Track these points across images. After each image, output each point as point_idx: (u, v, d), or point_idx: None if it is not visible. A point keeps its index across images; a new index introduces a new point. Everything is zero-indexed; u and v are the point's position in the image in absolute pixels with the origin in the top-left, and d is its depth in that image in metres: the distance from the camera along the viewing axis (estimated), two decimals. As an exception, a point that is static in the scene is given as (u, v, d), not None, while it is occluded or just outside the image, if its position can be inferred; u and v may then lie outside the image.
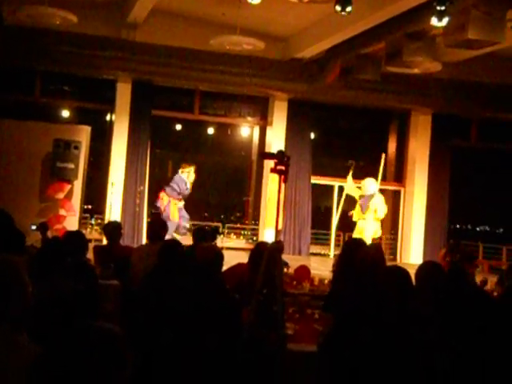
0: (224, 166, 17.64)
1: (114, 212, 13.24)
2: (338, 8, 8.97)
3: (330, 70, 13.14)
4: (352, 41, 11.79)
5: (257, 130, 16.01)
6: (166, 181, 13.61)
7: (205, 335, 4.18)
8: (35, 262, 4.35)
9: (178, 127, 16.74)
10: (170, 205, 12.63)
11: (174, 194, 12.66)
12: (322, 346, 3.99)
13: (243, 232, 16.03)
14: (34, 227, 8.23)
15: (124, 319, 5.32)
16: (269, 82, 13.92)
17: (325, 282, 7.84)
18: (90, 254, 6.85)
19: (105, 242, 8.65)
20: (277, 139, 14.80)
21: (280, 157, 4.23)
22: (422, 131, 15.49)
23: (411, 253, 15.27)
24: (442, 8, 8.59)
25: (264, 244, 6.07)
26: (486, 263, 14.60)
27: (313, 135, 15.47)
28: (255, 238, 14.94)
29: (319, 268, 10.67)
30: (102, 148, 14.95)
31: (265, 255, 4.27)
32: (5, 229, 4.99)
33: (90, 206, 15.00)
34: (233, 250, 13.06)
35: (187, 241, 8.87)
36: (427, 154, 15.45)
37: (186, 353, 4.10)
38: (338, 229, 15.08)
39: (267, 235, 13.68)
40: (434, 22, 8.89)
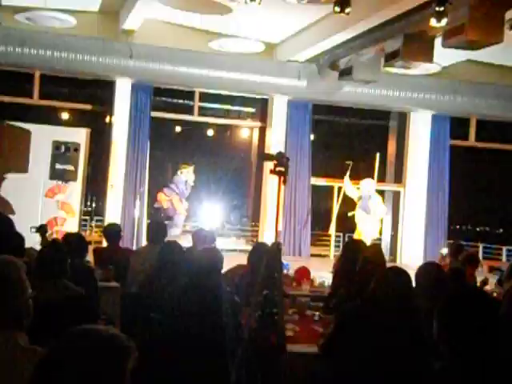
0: (223, 168, 17.64)
1: (113, 214, 13.23)
2: (337, 9, 8.98)
3: (329, 71, 13.15)
4: (351, 42, 11.80)
5: (256, 132, 15.99)
6: (166, 183, 13.62)
7: (205, 337, 4.18)
8: (35, 265, 4.35)
9: (178, 129, 16.75)
10: (173, 201, 12.65)
11: (173, 195, 12.70)
12: (322, 347, 3.99)
13: (243, 233, 16.03)
14: (33, 229, 8.21)
15: (124, 321, 5.32)
16: (268, 84, 13.91)
17: (325, 283, 7.84)
18: (89, 256, 6.85)
19: (104, 244, 8.64)
20: (276, 141, 14.77)
21: (279, 158, 4.22)
22: (422, 131, 15.48)
23: (411, 253, 15.26)
24: (441, 9, 8.59)
25: (262, 244, 6.07)
26: (485, 263, 14.59)
27: (312, 136, 15.46)
28: (255, 240, 14.93)
29: (319, 269, 10.67)
30: (102, 150, 14.94)
31: (265, 257, 4.27)
32: (4, 231, 4.99)
33: (89, 208, 15.01)
34: (233, 251, 13.07)
35: (187, 242, 8.86)
36: (427, 155, 15.43)
37: (186, 354, 4.10)
38: (336, 230, 15.08)
39: (267, 236, 13.68)
40: (433, 22, 8.89)
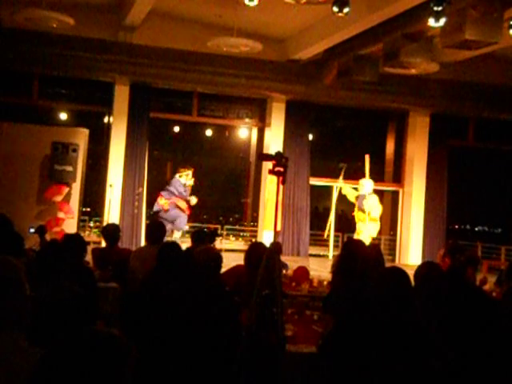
0: (222, 168, 17.64)
1: (112, 214, 13.23)
2: (336, 9, 8.98)
3: (328, 71, 13.16)
4: (350, 42, 11.81)
5: (255, 132, 16.00)
6: (165, 183, 13.60)
7: (204, 337, 4.18)
8: (34, 265, 4.35)
9: (176, 129, 16.75)
10: (178, 203, 12.56)
11: (173, 198, 12.63)
12: (321, 347, 3.99)
13: (242, 234, 16.03)
14: (32, 230, 8.21)
15: (123, 322, 5.32)
16: (267, 84, 13.92)
17: (324, 283, 7.83)
18: (88, 257, 6.85)
19: (103, 244, 8.63)
20: (275, 141, 14.80)
21: (278, 158, 4.21)
22: (420, 132, 15.49)
23: (410, 253, 15.28)
24: (439, 9, 8.60)
25: (258, 244, 6.06)
26: (484, 263, 14.59)
27: (311, 136, 15.46)
28: (254, 240, 14.93)
29: (318, 269, 10.68)
30: (100, 150, 14.94)
31: (264, 257, 4.27)
32: (3, 232, 4.99)
33: (88, 209, 15.01)
34: (232, 251, 13.07)
35: (186, 243, 8.87)
36: (425, 155, 15.46)
37: (186, 355, 4.10)
38: (336, 230, 15.08)
39: (266, 237, 13.68)
40: (431, 22, 8.89)
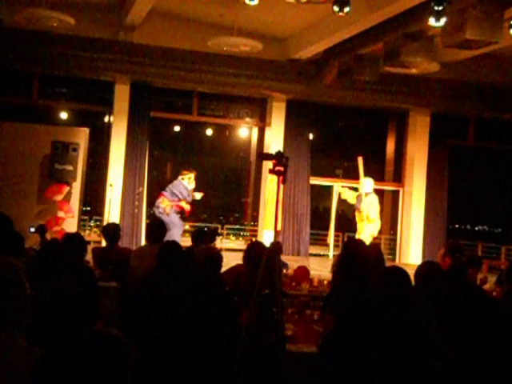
0: (222, 168, 17.63)
1: (112, 214, 13.22)
2: (336, 8, 8.98)
3: (328, 71, 13.15)
4: (350, 41, 11.80)
5: (255, 131, 15.99)
6: (165, 182, 13.54)
7: (204, 337, 4.18)
8: (34, 265, 4.35)
9: (177, 128, 16.74)
10: (183, 206, 12.30)
11: (176, 200, 12.22)
12: (322, 347, 3.99)
13: (242, 233, 16.03)
14: (32, 229, 8.21)
15: (123, 321, 5.31)
16: (267, 83, 13.91)
17: (324, 282, 7.84)
18: (88, 256, 6.85)
19: (104, 243, 8.64)
20: (275, 140, 14.80)
21: (278, 158, 4.21)
22: (421, 131, 15.49)
23: (410, 253, 15.27)
24: (440, 8, 8.60)
25: (257, 243, 6.06)
26: (484, 263, 14.59)
27: (311, 136, 15.46)
28: (254, 239, 14.93)
29: (318, 269, 10.68)
30: (101, 150, 14.94)
31: (264, 256, 4.26)
32: (4, 231, 4.99)
33: (88, 208, 15.01)
34: (232, 251, 13.05)
35: (186, 242, 8.87)
36: (426, 154, 15.45)
37: (186, 355, 4.09)
38: (336, 229, 15.07)
39: (266, 236, 13.68)
40: (431, 22, 8.89)
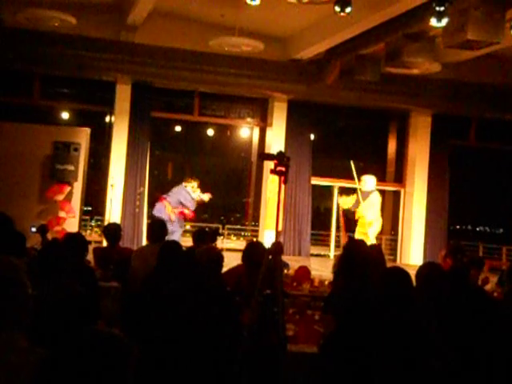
0: (224, 168, 17.63)
1: (113, 214, 13.23)
2: (338, 9, 8.97)
3: (330, 71, 13.14)
4: (351, 41, 11.79)
5: (256, 131, 15.99)
6: (166, 182, 13.55)
7: (205, 337, 4.17)
8: (35, 264, 4.35)
9: (178, 129, 16.74)
10: (187, 214, 12.14)
11: (179, 207, 12.03)
12: (323, 347, 3.99)
13: (243, 233, 16.03)
14: (33, 229, 8.20)
15: (124, 321, 5.31)
16: (268, 83, 13.91)
17: (325, 283, 7.83)
18: (89, 256, 6.84)
19: (105, 243, 8.64)
20: (276, 140, 14.80)
21: (280, 158, 4.21)
22: (422, 132, 15.48)
23: (411, 253, 15.26)
24: (441, 9, 8.59)
25: (256, 243, 6.05)
26: (485, 263, 14.57)
27: (312, 136, 15.46)
28: (255, 239, 14.92)
29: (319, 269, 10.67)
30: (102, 150, 14.94)
31: (265, 256, 4.26)
32: (5, 231, 4.99)
33: (89, 208, 15.01)
34: (233, 251, 13.04)
35: (187, 242, 8.86)
36: (427, 155, 15.44)
37: (187, 355, 4.09)
38: (337, 230, 15.07)
39: (267, 236, 13.68)
40: (433, 22, 8.88)
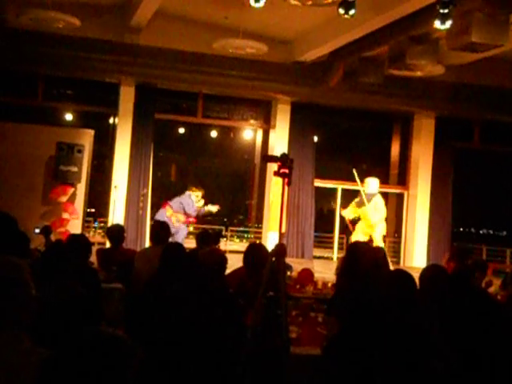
0: (227, 170, 17.64)
1: (117, 215, 13.24)
2: (342, 11, 8.96)
3: (333, 73, 13.14)
4: (355, 44, 11.79)
5: (260, 133, 16.00)
6: (169, 184, 13.55)
7: (208, 339, 4.17)
8: (38, 266, 4.35)
9: (181, 130, 16.77)
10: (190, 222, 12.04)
11: (181, 212, 11.96)
12: (326, 349, 3.99)
13: (246, 235, 16.03)
14: (37, 230, 8.22)
15: (127, 323, 5.31)
16: (272, 85, 13.91)
17: (328, 285, 7.84)
18: (93, 258, 6.85)
19: (108, 245, 8.64)
20: (280, 142, 14.80)
21: (283, 160, 4.21)
22: (425, 134, 15.46)
23: (415, 256, 15.24)
24: (445, 11, 8.58)
25: (257, 245, 6.03)
26: (489, 266, 14.53)
27: (316, 138, 15.45)
28: (258, 241, 14.92)
29: (322, 271, 10.67)
30: (106, 151, 14.96)
31: (268, 258, 4.26)
32: (9, 232, 4.99)
33: (93, 210, 15.03)
34: (236, 253, 13.03)
35: (190, 244, 8.87)
36: (430, 157, 15.42)
37: (190, 356, 4.09)
38: (341, 232, 15.06)
39: (270, 238, 13.67)
40: (437, 24, 8.87)
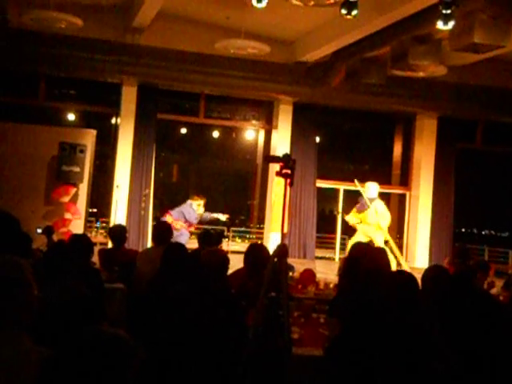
0: (229, 170, 17.64)
1: (119, 215, 13.25)
2: (344, 11, 8.95)
3: (335, 74, 13.13)
4: (357, 44, 11.77)
5: (262, 134, 16.00)
6: (171, 184, 13.56)
7: (210, 339, 4.17)
8: (41, 266, 4.35)
9: (183, 131, 16.77)
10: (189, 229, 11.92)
11: (181, 220, 11.84)
12: (328, 350, 3.98)
13: (248, 235, 16.03)
14: (39, 231, 8.23)
15: (129, 323, 5.31)
16: (274, 86, 13.91)
17: (330, 285, 7.83)
18: (95, 258, 6.85)
19: (110, 245, 8.65)
20: (282, 143, 14.80)
21: (286, 160, 4.20)
22: (428, 134, 15.45)
23: (416, 257, 15.24)
24: (448, 11, 8.57)
25: (257, 246, 6.03)
26: (491, 267, 14.52)
27: (318, 139, 15.45)
28: (260, 242, 14.91)
29: (324, 272, 10.67)
30: (108, 151, 14.96)
31: (270, 259, 4.26)
32: (11, 232, 4.99)
33: (95, 210, 15.03)
34: (238, 253, 13.02)
35: (192, 244, 8.86)
36: (433, 158, 15.42)
37: (192, 357, 4.09)
38: (342, 232, 15.05)
39: (272, 239, 13.67)
40: (439, 25, 8.85)
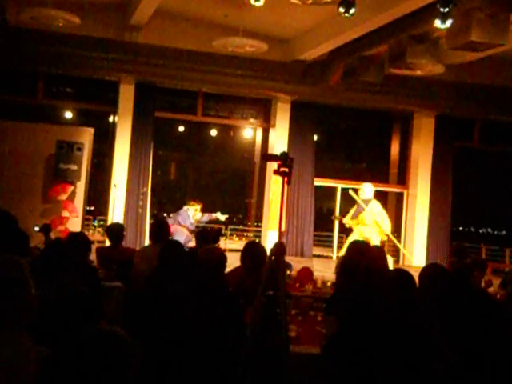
0: (227, 168, 17.64)
1: (116, 213, 13.24)
2: (342, 10, 8.95)
3: (333, 72, 13.13)
4: (355, 43, 11.78)
5: (260, 132, 16.00)
6: (169, 182, 13.56)
7: (208, 338, 4.17)
8: (38, 264, 4.35)
9: (181, 129, 16.76)
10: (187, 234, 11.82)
11: (177, 224, 11.71)
12: (325, 348, 3.99)
13: (246, 234, 16.03)
14: (37, 228, 8.23)
15: (127, 321, 5.31)
16: (272, 84, 13.91)
17: (327, 284, 7.84)
18: (92, 256, 6.85)
19: (107, 243, 8.64)
20: (280, 141, 14.80)
21: (283, 158, 4.20)
22: (425, 133, 15.46)
23: (414, 255, 15.24)
24: (446, 10, 8.57)
25: (254, 244, 6.03)
26: (488, 265, 14.54)
27: (316, 137, 15.45)
28: (258, 240, 14.92)
29: (322, 270, 10.67)
30: (105, 149, 14.95)
31: (268, 257, 4.26)
32: (8, 230, 4.99)
33: (92, 208, 15.02)
34: (235, 251, 13.02)
35: (190, 243, 8.87)
36: (430, 156, 15.42)
37: (190, 355, 4.09)
38: (340, 231, 15.07)
39: (270, 237, 13.68)
40: (437, 24, 8.87)
